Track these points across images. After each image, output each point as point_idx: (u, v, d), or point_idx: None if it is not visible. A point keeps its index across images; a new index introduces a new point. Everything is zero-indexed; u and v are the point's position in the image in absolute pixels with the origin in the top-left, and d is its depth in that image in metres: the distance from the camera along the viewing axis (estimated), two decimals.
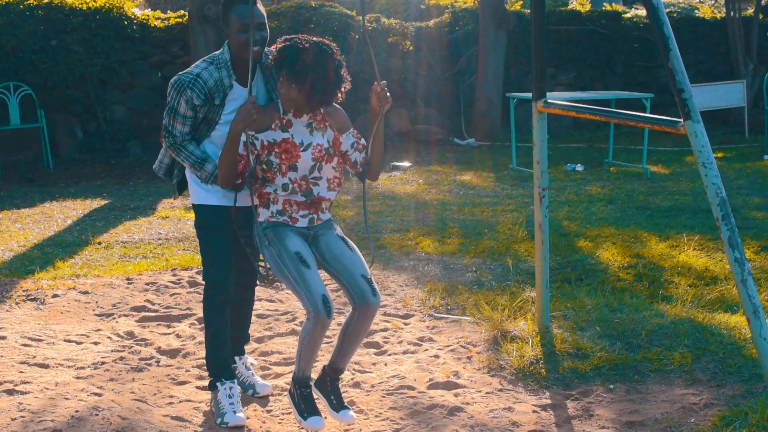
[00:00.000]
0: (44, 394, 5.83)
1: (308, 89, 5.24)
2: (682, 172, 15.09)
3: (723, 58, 22.23)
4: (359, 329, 5.40)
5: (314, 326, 5.17)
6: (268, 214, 5.47)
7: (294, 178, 5.40)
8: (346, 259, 5.45)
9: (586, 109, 6.34)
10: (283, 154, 5.37)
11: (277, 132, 5.40)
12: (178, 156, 5.57)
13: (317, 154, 5.42)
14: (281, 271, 5.31)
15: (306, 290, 5.18)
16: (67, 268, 9.05)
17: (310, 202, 5.48)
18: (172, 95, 5.47)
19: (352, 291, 5.34)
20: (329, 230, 5.59)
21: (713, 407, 5.42)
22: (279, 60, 5.23)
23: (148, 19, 17.24)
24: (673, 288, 8.07)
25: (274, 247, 5.36)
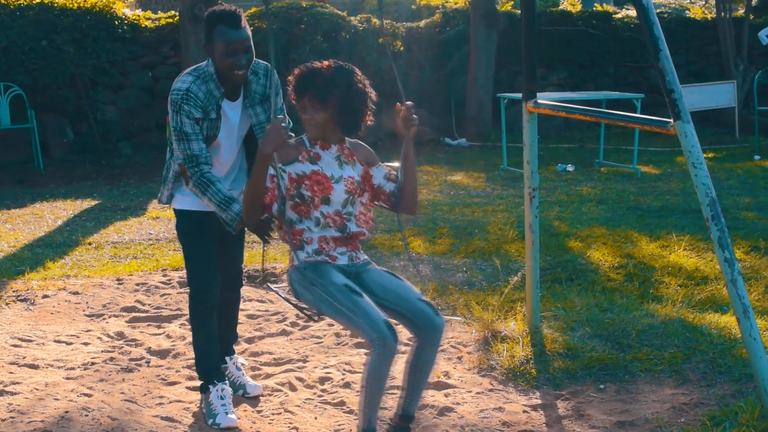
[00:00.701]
0: (34, 394, 5.82)
1: (335, 108, 4.99)
2: (672, 172, 15.11)
3: (713, 58, 22.25)
4: (428, 359, 5.04)
5: (381, 356, 4.72)
6: (304, 256, 5.09)
7: (327, 213, 5.07)
8: (398, 288, 5.10)
9: (576, 109, 6.34)
10: (315, 186, 5.04)
11: (305, 164, 5.08)
12: (205, 193, 5.30)
13: (350, 187, 5.11)
14: (332, 307, 4.89)
15: (365, 318, 4.74)
16: (57, 269, 9.04)
17: (346, 238, 5.15)
18: (174, 118, 5.29)
19: (413, 317, 4.98)
20: (371, 266, 5.26)
21: (703, 407, 5.43)
22: (299, 84, 5.01)
23: (138, 20, 17.22)
24: (664, 288, 8.08)
25: (318, 285, 4.96)
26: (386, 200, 5.31)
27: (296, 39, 17.41)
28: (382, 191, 5.29)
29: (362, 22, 18.48)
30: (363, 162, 5.27)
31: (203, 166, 5.30)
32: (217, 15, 5.31)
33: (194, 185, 5.30)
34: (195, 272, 5.66)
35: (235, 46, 5.26)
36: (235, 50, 5.26)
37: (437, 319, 4.98)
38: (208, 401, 5.66)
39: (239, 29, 5.29)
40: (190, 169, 5.29)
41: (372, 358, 4.75)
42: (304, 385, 6.20)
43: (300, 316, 7.60)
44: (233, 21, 5.27)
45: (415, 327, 5.00)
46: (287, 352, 6.85)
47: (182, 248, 5.76)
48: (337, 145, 5.19)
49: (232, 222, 5.29)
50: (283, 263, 9.02)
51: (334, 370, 6.44)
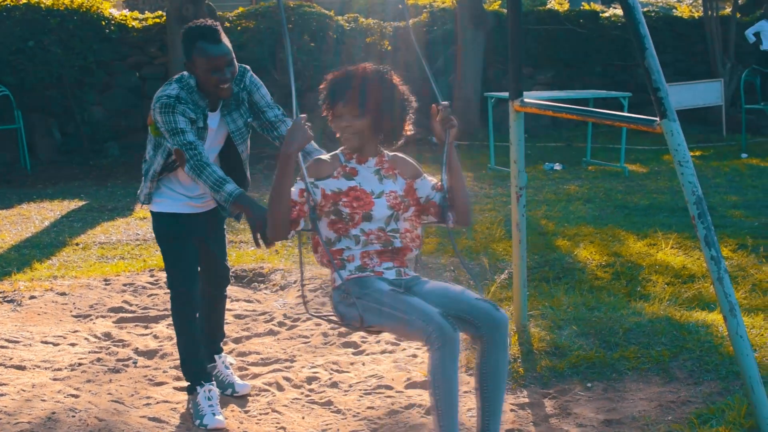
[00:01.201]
0: (21, 395, 5.80)
1: (375, 114, 4.72)
2: (660, 170, 15.13)
3: (701, 57, 22.29)
4: (497, 363, 4.60)
5: (443, 351, 4.29)
6: (347, 274, 4.76)
7: (369, 230, 4.75)
8: (452, 293, 4.73)
9: (563, 108, 6.34)
10: (353, 202, 4.73)
11: (340, 180, 4.78)
12: (200, 175, 5.14)
13: (393, 202, 4.79)
14: (380, 313, 4.53)
15: (417, 313, 4.37)
16: (44, 270, 9.02)
17: (391, 252, 4.83)
18: (166, 119, 5.17)
19: (471, 316, 4.57)
20: (422, 279, 4.93)
21: (690, 405, 5.43)
22: (335, 89, 4.70)
23: (125, 20, 17.19)
24: (651, 286, 8.09)
25: (363, 297, 4.60)
26: (436, 213, 4.93)
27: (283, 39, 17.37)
28: (432, 203, 4.92)
29: (350, 22, 18.48)
30: (405, 176, 4.95)
31: (200, 149, 5.19)
32: (194, 31, 5.23)
33: (191, 168, 5.16)
34: (175, 275, 5.63)
35: (217, 62, 5.19)
36: (218, 66, 5.19)
37: (498, 313, 4.55)
38: (195, 402, 5.65)
39: (219, 44, 5.21)
40: (187, 152, 5.16)
41: (433, 358, 4.33)
42: (292, 385, 6.20)
43: (287, 316, 7.60)
44: (212, 36, 5.20)
45: (475, 328, 4.58)
46: (274, 352, 6.85)
47: (161, 251, 5.72)
48: (375, 157, 4.90)
49: (225, 202, 5.14)
50: (271, 263, 9.01)
51: (321, 369, 6.44)
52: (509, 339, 4.64)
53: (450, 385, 4.33)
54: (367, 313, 4.58)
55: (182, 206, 5.51)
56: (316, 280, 8.30)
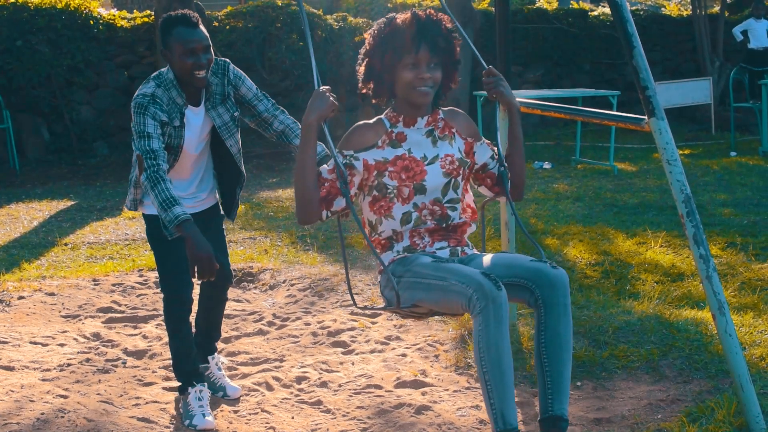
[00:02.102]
0: (9, 396, 5.78)
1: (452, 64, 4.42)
2: (649, 169, 15.14)
3: (689, 55, 22.36)
4: (559, 329, 4.18)
5: (486, 312, 3.86)
6: (393, 255, 4.46)
7: (423, 203, 4.37)
8: (505, 259, 4.35)
9: (552, 107, 6.35)
10: (402, 173, 4.34)
11: (385, 149, 4.39)
12: (154, 188, 5.00)
13: (449, 167, 4.40)
14: (421, 286, 4.18)
15: (457, 276, 3.98)
16: (33, 270, 9.01)
17: (446, 230, 4.48)
18: (137, 120, 5.14)
19: (526, 279, 4.18)
20: (477, 255, 4.54)
21: (680, 403, 5.44)
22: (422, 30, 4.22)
23: (114, 19, 17.15)
24: (640, 285, 8.10)
25: (404, 275, 4.28)
26: (493, 185, 4.66)
27: (272, 38, 17.37)
28: (489, 174, 4.64)
29: (338, 21, 18.46)
30: (464, 134, 4.57)
31: (161, 161, 5.08)
32: (171, 18, 5.22)
33: (146, 178, 5.04)
34: (168, 278, 5.60)
35: (193, 46, 5.15)
36: (194, 50, 5.15)
37: (555, 271, 4.14)
38: (185, 402, 5.64)
39: (196, 29, 5.18)
40: (147, 161, 5.06)
41: (476, 323, 3.90)
42: (281, 385, 6.19)
43: (276, 316, 7.60)
44: (189, 22, 5.18)
45: (531, 291, 4.18)
46: (264, 352, 6.84)
47: (154, 254, 5.69)
48: (427, 116, 4.50)
49: (169, 224, 4.96)
50: (260, 263, 9.00)
51: (310, 369, 6.43)
52: (570, 301, 4.19)
53: (499, 352, 3.86)
54: (407, 291, 4.23)
55: None
56: (307, 279, 8.30)
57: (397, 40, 4.24)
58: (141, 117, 5.14)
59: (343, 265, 8.63)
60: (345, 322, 7.30)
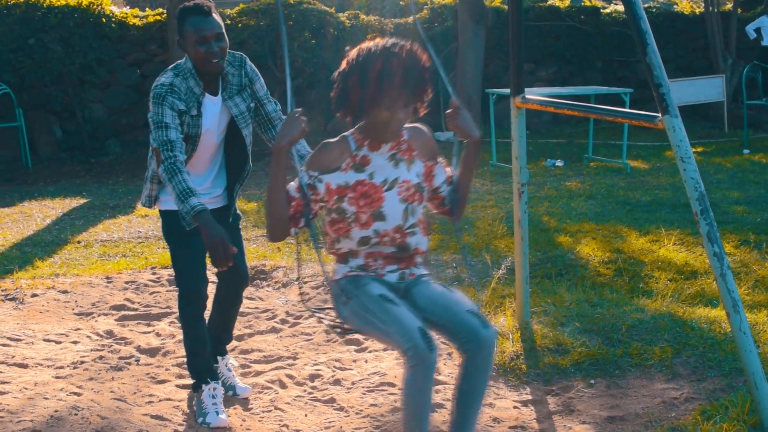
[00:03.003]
0: (23, 393, 5.80)
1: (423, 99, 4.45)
2: (661, 167, 15.12)
3: (702, 52, 22.30)
4: (476, 382, 4.39)
5: (416, 369, 4.09)
6: (346, 270, 4.59)
7: (383, 231, 4.46)
8: (445, 299, 4.46)
9: (564, 104, 6.33)
10: (360, 199, 4.42)
11: (348, 173, 4.44)
12: (171, 180, 5.05)
13: (405, 194, 4.48)
14: (365, 320, 4.34)
15: (396, 326, 4.14)
16: (46, 268, 9.02)
17: (400, 256, 4.58)
18: (155, 110, 5.20)
19: (458, 332, 4.33)
20: (423, 279, 4.65)
21: (694, 401, 5.43)
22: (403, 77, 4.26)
23: (126, 18, 17.16)
24: (654, 283, 8.08)
25: (353, 299, 4.42)
26: (439, 205, 4.80)
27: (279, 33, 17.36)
28: (438, 196, 4.76)
29: (350, 19, 18.45)
30: (424, 157, 4.64)
31: (177, 153, 5.13)
32: (186, 8, 5.30)
33: (164, 170, 5.11)
34: (183, 273, 5.61)
35: (205, 34, 5.21)
36: (206, 38, 5.21)
37: (484, 331, 4.28)
38: (199, 400, 5.64)
39: (208, 17, 5.24)
40: (164, 153, 5.11)
41: (406, 373, 4.14)
42: (294, 383, 6.19)
43: (290, 314, 7.60)
44: (202, 10, 5.25)
45: (460, 341, 4.35)
46: (277, 350, 6.84)
47: (169, 249, 5.69)
48: (390, 141, 4.53)
49: (186, 215, 5.02)
50: (273, 260, 9.00)
51: (324, 367, 6.43)
52: (493, 359, 4.40)
53: (419, 400, 4.17)
54: (353, 317, 4.43)
55: None
56: (319, 277, 8.30)
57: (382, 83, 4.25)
58: (159, 107, 5.19)
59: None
60: None
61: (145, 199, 5.60)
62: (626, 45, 21.19)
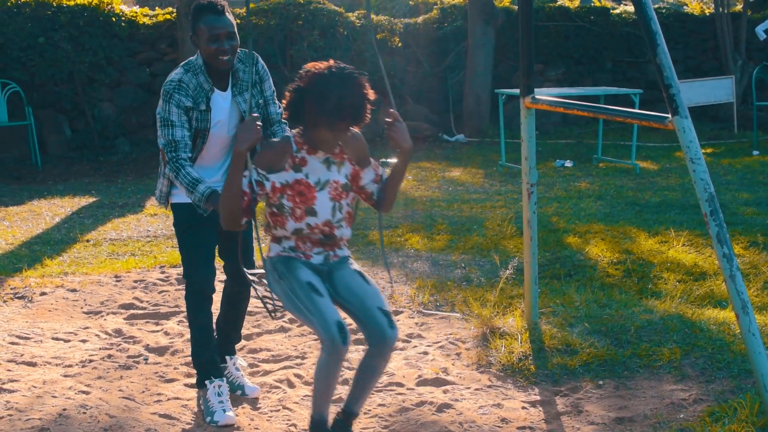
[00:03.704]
0: (32, 392, 5.81)
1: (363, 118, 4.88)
2: (671, 167, 15.10)
3: (712, 53, 22.25)
4: (376, 366, 5.00)
5: (329, 357, 4.75)
6: (279, 249, 5.12)
7: (314, 224, 4.99)
8: (362, 292, 5.02)
9: (574, 105, 6.33)
10: (296, 197, 4.94)
11: (289, 173, 4.95)
12: (177, 176, 5.37)
13: (334, 193, 5.01)
14: (293, 303, 4.92)
15: (319, 317, 4.75)
16: (55, 266, 9.03)
17: (326, 243, 5.11)
18: (163, 106, 5.42)
19: (368, 325, 4.92)
20: (345, 265, 5.18)
21: (702, 403, 5.42)
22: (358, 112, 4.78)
23: (136, 16, 17.17)
24: (662, 284, 8.08)
25: (284, 280, 4.97)
26: (367, 199, 5.21)
27: (293, 35, 17.41)
28: (365, 192, 5.17)
29: (360, 18, 18.45)
30: (354, 160, 5.11)
31: (181, 152, 5.41)
32: (201, 5, 5.45)
33: (170, 169, 5.41)
34: (191, 265, 5.68)
35: (217, 32, 5.38)
36: (218, 36, 5.38)
37: (389, 331, 4.88)
38: (205, 398, 5.66)
39: (221, 16, 5.41)
40: (168, 154, 5.40)
41: (321, 357, 4.82)
42: (303, 382, 6.20)
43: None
44: (216, 9, 5.41)
45: (368, 335, 4.96)
46: (285, 349, 6.84)
47: (178, 241, 5.78)
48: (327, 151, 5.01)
49: (198, 202, 5.37)
50: None
51: None
52: (390, 355, 5.02)
53: (328, 380, 4.88)
54: (283, 297, 5.01)
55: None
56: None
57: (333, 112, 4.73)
58: (166, 104, 5.41)
59: (364, 262, 8.64)
60: None
61: (158, 194, 5.76)
62: (636, 46, 21.16)
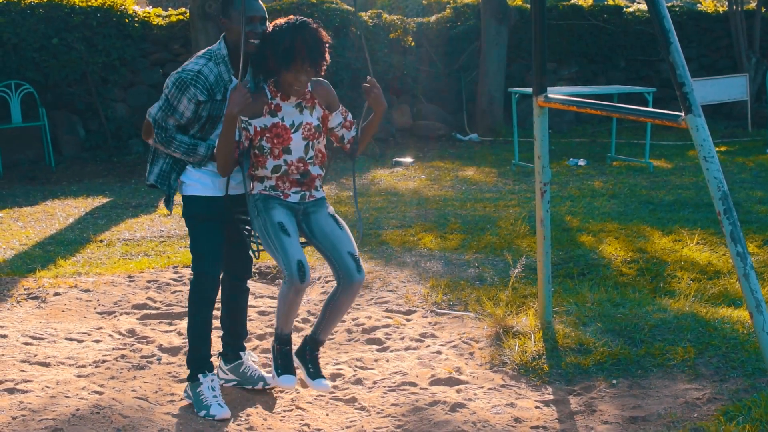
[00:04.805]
0: (45, 392, 5.81)
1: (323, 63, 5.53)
2: (684, 166, 15.07)
3: (725, 51, 22.22)
4: (342, 304, 5.56)
5: (288, 289, 5.33)
6: (261, 188, 5.60)
7: (290, 161, 5.53)
8: (334, 236, 5.57)
9: (587, 103, 6.32)
10: (274, 138, 5.49)
11: (266, 118, 5.51)
12: (168, 147, 5.57)
13: (307, 134, 5.56)
14: (265, 239, 5.47)
15: (283, 255, 5.32)
16: (68, 266, 9.05)
17: (303, 181, 5.61)
18: (173, 93, 5.46)
19: (338, 266, 5.50)
20: (321, 208, 5.70)
21: (716, 402, 5.40)
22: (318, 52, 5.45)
23: (149, 17, 17.21)
24: (676, 282, 8.06)
25: (261, 217, 5.50)
26: (337, 141, 5.84)
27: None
28: (334, 134, 5.78)
29: (373, 18, 18.45)
30: (323, 104, 5.69)
31: (169, 129, 5.57)
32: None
33: (158, 141, 5.58)
34: (199, 255, 5.73)
35: (253, 15, 5.51)
36: (253, 19, 5.50)
37: (357, 275, 5.48)
38: (197, 392, 5.67)
39: (256, 2, 5.60)
40: (156, 129, 5.58)
41: (283, 288, 5.38)
42: None
43: (311, 313, 7.60)
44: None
45: (337, 275, 5.52)
46: None
47: (190, 232, 5.81)
48: (296, 96, 5.56)
49: (204, 159, 5.62)
50: None
51: (345, 366, 6.43)
52: (356, 295, 5.61)
53: (288, 308, 5.48)
54: (258, 232, 5.54)
55: (213, 189, 5.65)
56: None
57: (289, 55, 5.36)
58: (179, 92, 5.48)
59: (377, 262, 8.63)
60: (380, 319, 7.30)
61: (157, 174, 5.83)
62: (649, 44, 21.13)
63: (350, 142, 5.82)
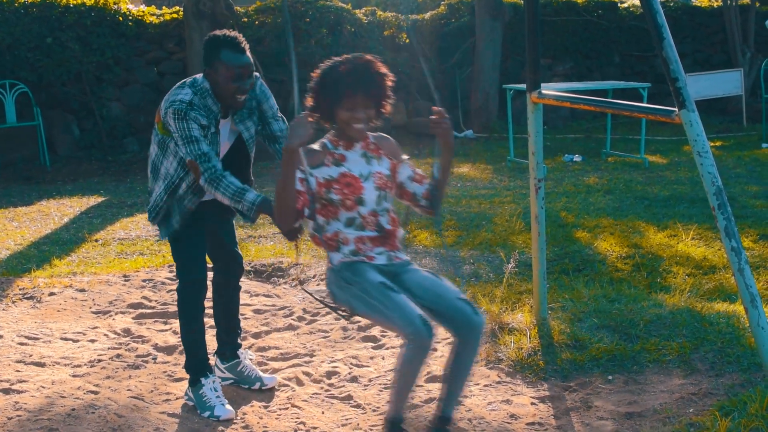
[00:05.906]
0: (41, 392, 5.81)
1: (383, 104, 4.99)
2: (680, 161, 15.08)
3: (720, 46, 22.24)
4: (466, 360, 4.90)
5: (415, 351, 4.60)
6: (341, 257, 5.01)
7: (364, 214, 4.98)
8: (437, 287, 4.96)
9: (581, 99, 6.31)
10: (344, 189, 4.94)
11: (331, 168, 4.97)
12: (218, 188, 5.21)
13: (380, 182, 5.03)
14: (367, 304, 4.80)
15: (399, 313, 4.62)
16: (63, 266, 9.04)
17: (383, 237, 5.05)
18: (180, 125, 5.21)
19: (451, 315, 4.84)
20: (411, 267, 5.14)
21: (712, 397, 5.40)
22: (360, 80, 4.84)
23: (143, 16, 17.21)
24: (672, 278, 8.06)
25: (354, 285, 4.88)
26: (411, 200, 5.24)
27: (301, 33, 17.39)
28: (405, 191, 5.21)
29: (367, 15, 18.45)
30: (390, 156, 5.15)
31: (215, 162, 5.23)
32: (220, 39, 5.27)
33: (206, 180, 5.21)
34: (184, 262, 5.67)
35: (241, 71, 5.24)
36: (240, 75, 5.24)
37: (476, 317, 4.81)
38: (199, 394, 5.66)
39: (244, 54, 5.27)
40: (202, 165, 5.20)
41: (405, 352, 4.63)
42: (311, 380, 6.20)
43: (307, 311, 7.60)
44: (240, 47, 5.26)
45: (453, 326, 4.86)
46: (294, 347, 6.84)
47: (172, 244, 5.73)
48: (361, 141, 5.07)
49: (249, 212, 5.23)
50: (290, 257, 9.00)
51: (341, 364, 6.43)
52: (482, 341, 5.08)
53: (411, 377, 4.71)
54: (355, 301, 4.89)
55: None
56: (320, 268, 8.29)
57: (340, 85, 4.83)
58: (184, 122, 5.21)
59: None
60: None
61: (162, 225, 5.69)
62: (644, 39, 21.15)
63: (425, 197, 5.20)
